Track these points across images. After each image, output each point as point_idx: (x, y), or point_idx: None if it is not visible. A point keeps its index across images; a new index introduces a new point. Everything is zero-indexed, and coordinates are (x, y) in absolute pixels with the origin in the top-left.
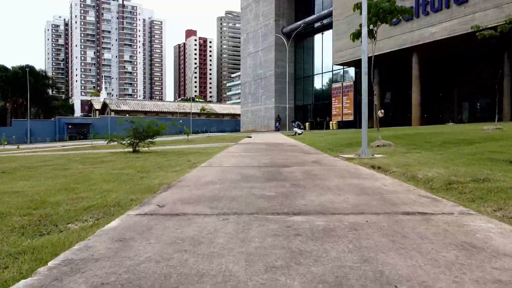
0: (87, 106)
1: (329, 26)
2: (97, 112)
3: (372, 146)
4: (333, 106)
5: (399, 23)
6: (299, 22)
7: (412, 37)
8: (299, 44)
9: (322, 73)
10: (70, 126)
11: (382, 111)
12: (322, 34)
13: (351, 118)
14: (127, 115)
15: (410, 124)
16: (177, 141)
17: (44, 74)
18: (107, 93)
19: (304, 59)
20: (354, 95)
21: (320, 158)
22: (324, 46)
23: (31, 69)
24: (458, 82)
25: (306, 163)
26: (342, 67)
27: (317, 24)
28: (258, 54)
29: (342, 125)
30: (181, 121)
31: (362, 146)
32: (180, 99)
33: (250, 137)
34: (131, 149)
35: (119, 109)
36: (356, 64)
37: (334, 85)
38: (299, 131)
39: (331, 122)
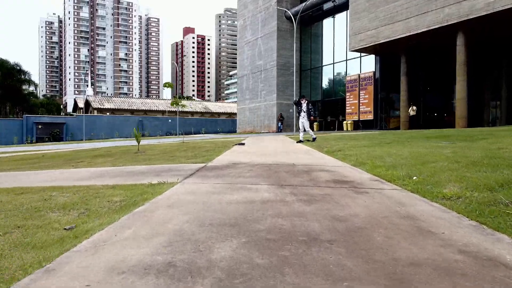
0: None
1: (341, 8)
2: (81, 110)
3: None
4: (347, 102)
5: None
6: (306, 3)
7: (459, 11)
8: (305, 30)
9: (333, 63)
10: (40, 126)
11: (414, 108)
12: (333, 17)
13: (370, 117)
14: (108, 113)
15: (452, 126)
16: (124, 151)
17: (18, 68)
18: (101, 92)
19: (311, 47)
20: (374, 89)
21: None
22: (335, 32)
23: (1, 62)
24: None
25: None
26: (358, 54)
27: (327, 5)
28: (257, 43)
29: (360, 125)
30: (170, 120)
31: None
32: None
33: (243, 144)
34: None
35: (102, 107)
36: (378, 49)
37: (349, 77)
38: (311, 132)
39: (345, 122)
